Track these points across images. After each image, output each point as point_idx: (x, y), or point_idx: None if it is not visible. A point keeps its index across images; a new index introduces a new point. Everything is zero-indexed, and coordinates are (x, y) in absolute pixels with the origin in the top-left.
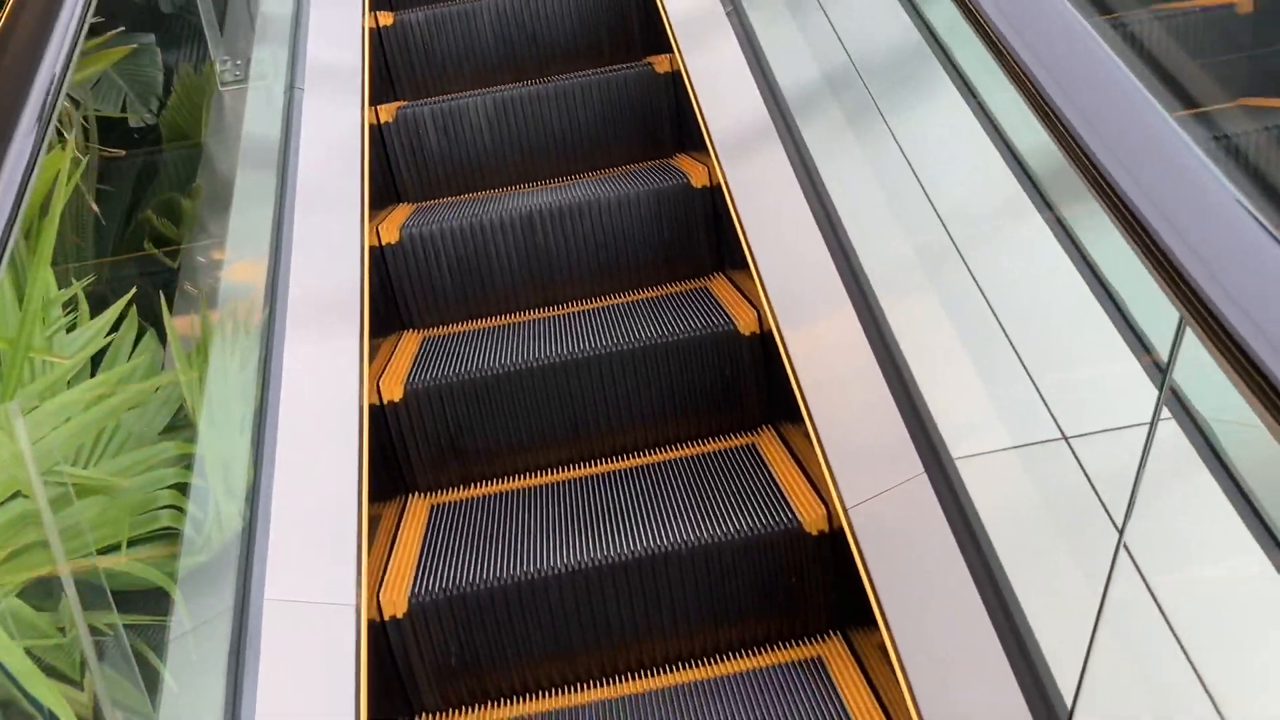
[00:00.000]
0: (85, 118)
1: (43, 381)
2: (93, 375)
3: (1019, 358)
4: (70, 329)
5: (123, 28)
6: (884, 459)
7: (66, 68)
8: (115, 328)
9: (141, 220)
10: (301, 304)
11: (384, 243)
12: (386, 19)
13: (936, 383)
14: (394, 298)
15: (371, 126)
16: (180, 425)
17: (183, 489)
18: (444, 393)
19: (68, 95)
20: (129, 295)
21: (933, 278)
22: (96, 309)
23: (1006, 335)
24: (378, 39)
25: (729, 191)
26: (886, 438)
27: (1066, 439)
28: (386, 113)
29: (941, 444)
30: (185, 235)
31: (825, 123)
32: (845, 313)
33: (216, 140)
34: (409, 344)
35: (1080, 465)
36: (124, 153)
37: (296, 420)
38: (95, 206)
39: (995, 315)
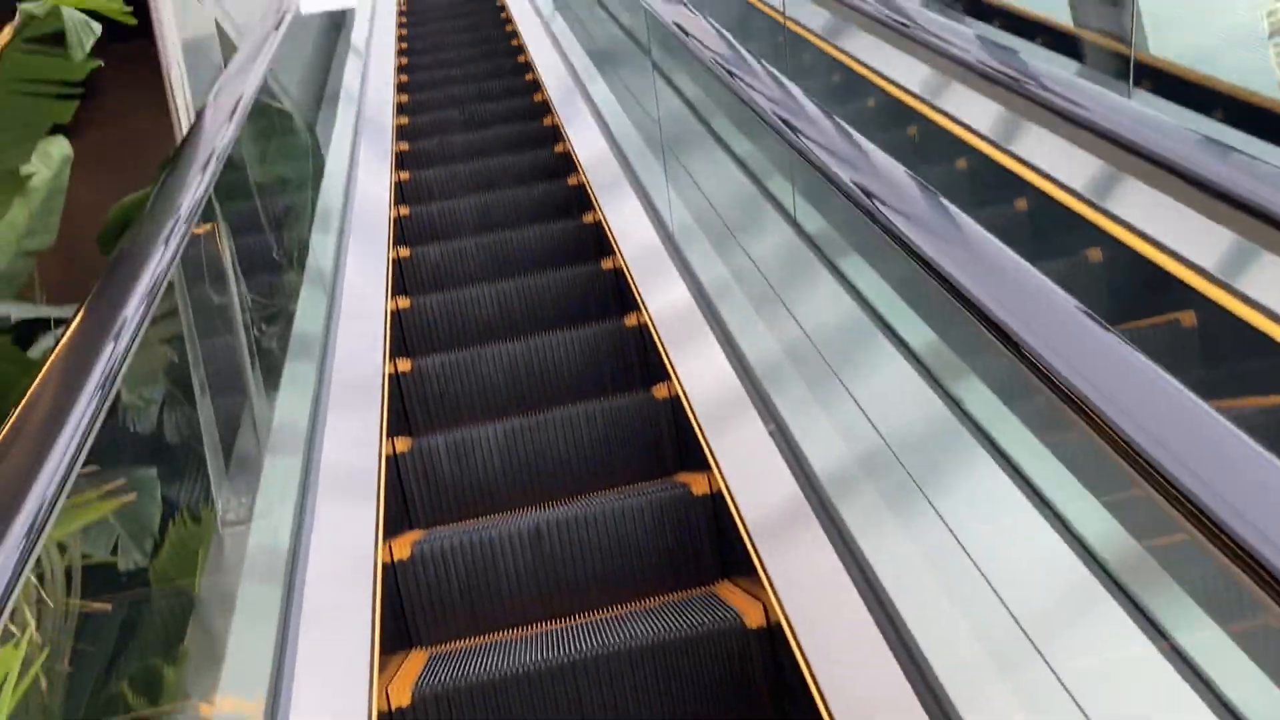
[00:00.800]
0: (69, 567)
1: None
2: None
3: None
4: None
5: (123, 479)
6: None
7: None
8: None
9: (115, 694)
10: None
11: (395, 559)
12: (405, 366)
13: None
14: (402, 614)
15: (388, 457)
16: None
17: None
18: (452, 697)
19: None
20: None
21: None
22: None
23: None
24: (396, 384)
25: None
26: None
27: None
28: (402, 444)
29: None
30: (166, 711)
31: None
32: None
33: (212, 592)
34: (418, 658)
35: None
36: (109, 606)
37: None
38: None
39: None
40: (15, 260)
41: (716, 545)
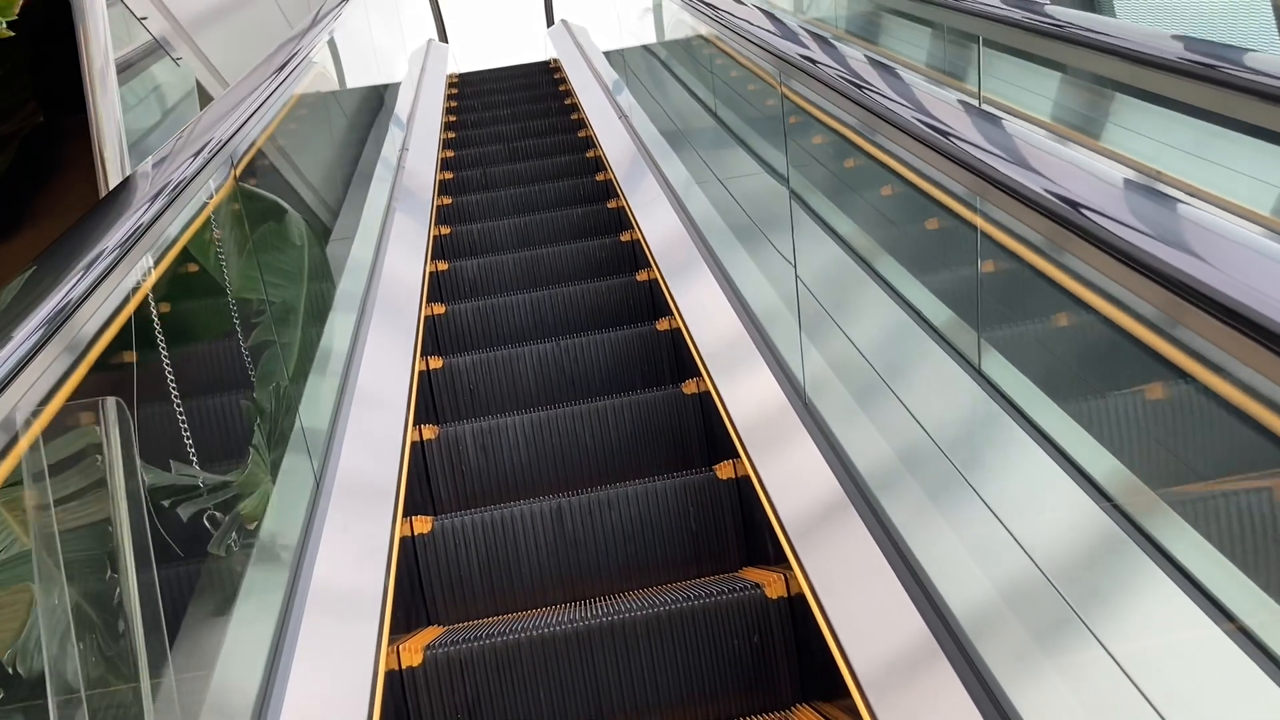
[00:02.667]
0: None
1: None
2: None
3: None
4: None
5: None
6: None
7: None
8: None
9: None
10: None
11: (416, 533)
12: (436, 363)
13: None
14: (421, 592)
15: (414, 443)
16: None
17: None
18: (464, 659)
19: None
20: None
21: None
22: None
23: None
24: (426, 380)
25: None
26: None
27: None
28: (430, 431)
29: None
30: None
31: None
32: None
33: None
34: (434, 630)
35: None
36: None
37: None
38: None
39: None
40: None
41: (742, 532)
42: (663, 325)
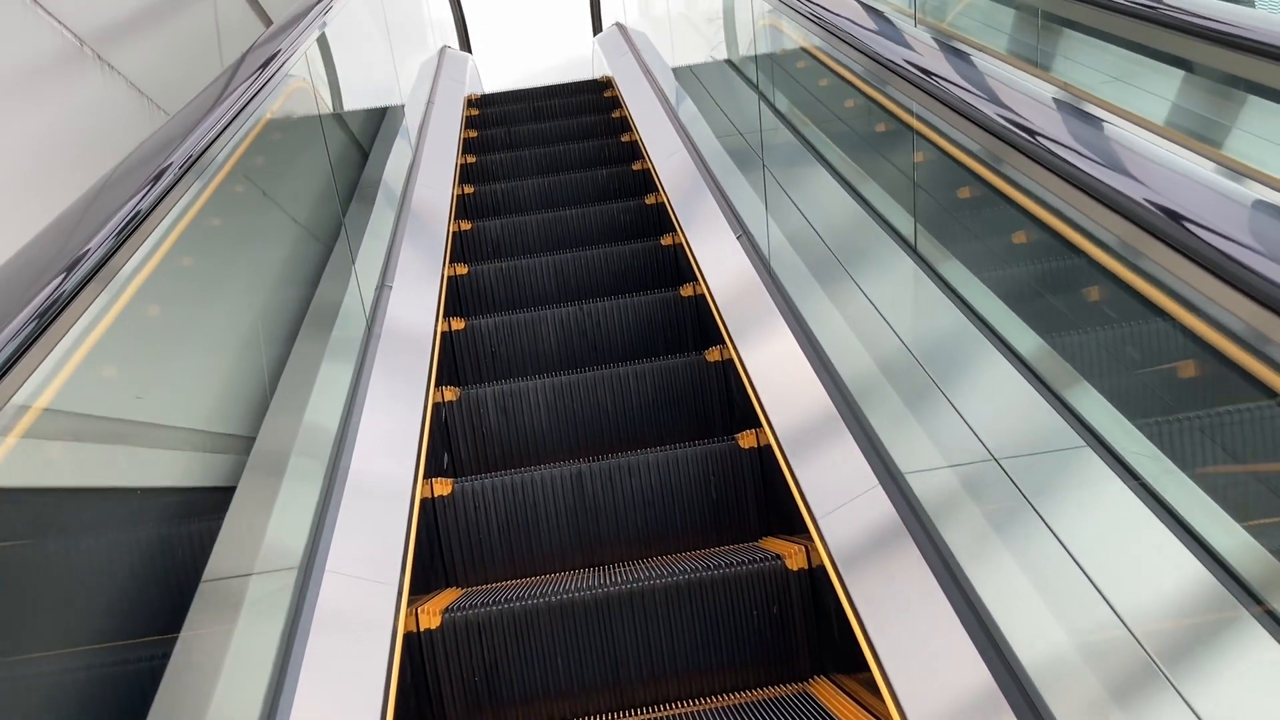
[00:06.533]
0: None
1: None
2: None
3: None
4: None
5: None
6: None
7: None
8: None
9: None
10: None
11: (436, 495)
12: (459, 324)
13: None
14: (440, 554)
15: (435, 404)
16: None
17: None
18: (482, 622)
19: None
20: None
21: None
22: None
23: None
24: (448, 341)
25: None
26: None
27: None
28: (451, 393)
29: None
30: None
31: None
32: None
33: None
34: (452, 592)
35: None
36: None
37: None
38: None
39: None
40: None
41: (762, 500)
42: (687, 290)
